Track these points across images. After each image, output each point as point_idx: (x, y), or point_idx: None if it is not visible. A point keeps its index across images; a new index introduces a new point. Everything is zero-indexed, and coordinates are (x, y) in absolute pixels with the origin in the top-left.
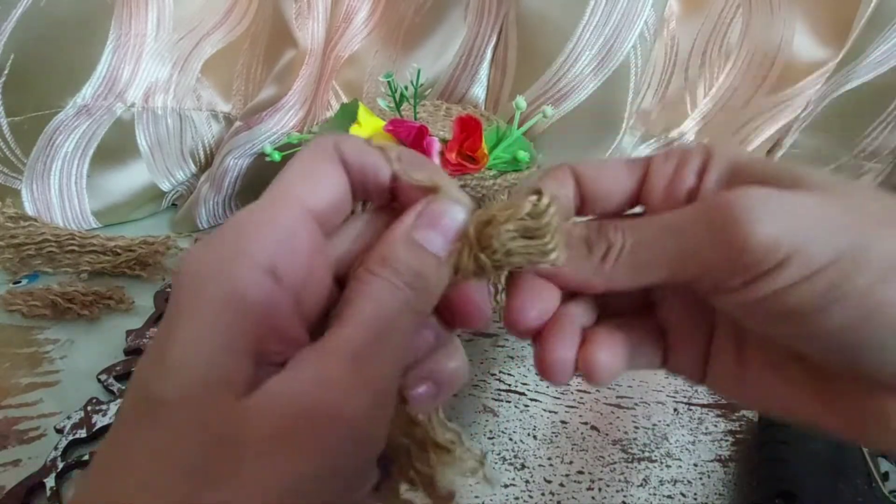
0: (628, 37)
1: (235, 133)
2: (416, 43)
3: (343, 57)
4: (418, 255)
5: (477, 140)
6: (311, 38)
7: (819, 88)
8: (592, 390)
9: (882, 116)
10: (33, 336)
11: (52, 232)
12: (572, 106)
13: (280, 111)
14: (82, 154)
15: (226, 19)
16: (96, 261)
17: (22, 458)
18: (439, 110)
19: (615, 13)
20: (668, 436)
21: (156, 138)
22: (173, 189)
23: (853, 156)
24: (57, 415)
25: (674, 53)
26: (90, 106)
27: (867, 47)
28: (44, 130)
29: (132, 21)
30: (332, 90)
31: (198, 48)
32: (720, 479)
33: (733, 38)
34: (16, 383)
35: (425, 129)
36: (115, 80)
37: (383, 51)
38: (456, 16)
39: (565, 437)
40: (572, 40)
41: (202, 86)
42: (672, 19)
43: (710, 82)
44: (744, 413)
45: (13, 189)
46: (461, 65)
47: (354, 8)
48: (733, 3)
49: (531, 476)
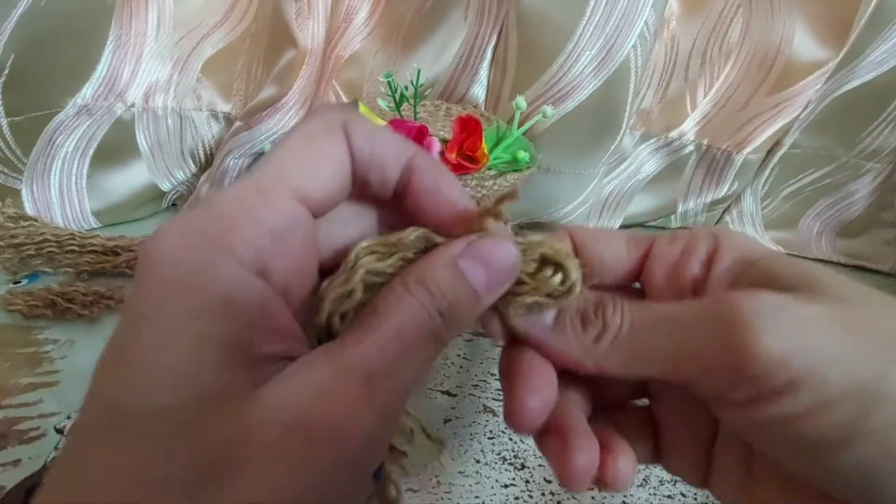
0: (628, 37)
1: (235, 133)
2: (416, 43)
3: (343, 57)
4: (458, 284)
5: (477, 140)
6: (312, 38)
7: (819, 88)
8: None
9: (882, 116)
10: (33, 336)
11: (52, 232)
12: (572, 106)
13: (280, 111)
14: (82, 154)
15: (226, 19)
16: (96, 261)
17: (22, 457)
18: (439, 110)
19: (615, 13)
20: None
21: (156, 138)
22: (173, 189)
23: (853, 156)
24: (57, 415)
25: (674, 53)
26: (90, 106)
27: (867, 47)
28: (44, 130)
29: (132, 21)
30: (332, 90)
31: (198, 48)
32: None
33: (733, 38)
34: (16, 383)
35: (425, 129)
36: (115, 80)
37: (383, 51)
38: (456, 16)
39: None
40: (572, 40)
41: (202, 86)
42: (672, 19)
43: (711, 82)
44: None
45: (13, 189)
46: (461, 65)
47: (354, 8)
48: (733, 3)
49: (531, 476)
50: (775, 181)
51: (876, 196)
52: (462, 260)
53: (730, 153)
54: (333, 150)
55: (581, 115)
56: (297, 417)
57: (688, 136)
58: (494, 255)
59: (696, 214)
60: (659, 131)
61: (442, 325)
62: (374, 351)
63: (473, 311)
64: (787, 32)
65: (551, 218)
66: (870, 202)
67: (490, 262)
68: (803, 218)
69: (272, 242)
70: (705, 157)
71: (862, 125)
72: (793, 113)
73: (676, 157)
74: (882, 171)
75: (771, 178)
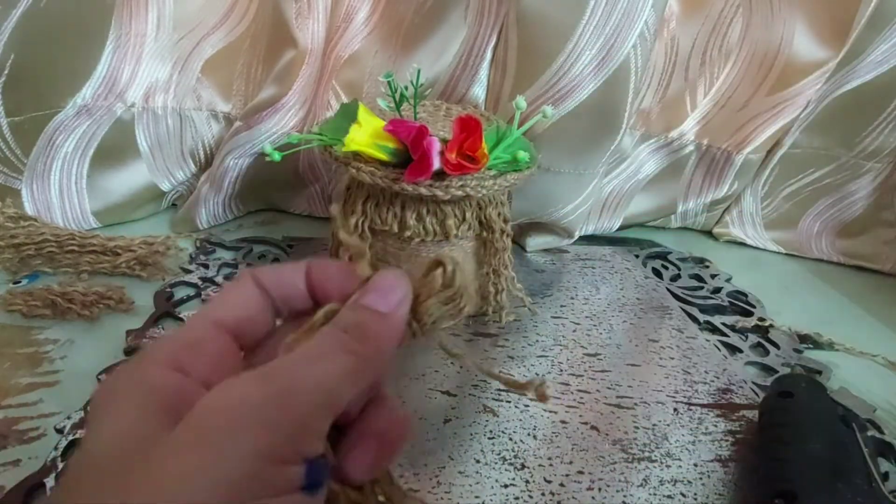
0: (628, 37)
1: (235, 133)
2: (416, 43)
3: (343, 57)
4: (360, 312)
5: (477, 140)
6: (312, 38)
7: (819, 88)
8: (592, 390)
9: (882, 116)
10: (33, 336)
11: (52, 232)
12: (572, 106)
13: (280, 111)
14: (82, 154)
15: (226, 19)
16: (96, 261)
17: (22, 458)
18: (439, 110)
19: (615, 13)
20: (668, 436)
21: (156, 138)
22: (173, 189)
23: (853, 156)
24: (57, 415)
25: (674, 53)
26: (90, 106)
27: (867, 47)
28: (44, 130)
29: (132, 21)
30: (332, 90)
31: (198, 48)
32: (720, 479)
33: (733, 38)
34: (16, 383)
35: (425, 129)
36: (115, 80)
37: (383, 51)
38: (456, 16)
39: (565, 437)
40: (572, 40)
41: (202, 86)
42: (672, 19)
43: (710, 82)
44: (744, 413)
45: (13, 189)
46: (461, 65)
47: (354, 8)
48: (733, 3)
49: (531, 476)
50: (775, 181)
51: (876, 196)
52: (361, 298)
53: (730, 153)
54: (242, 289)
55: (581, 115)
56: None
57: (688, 136)
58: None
59: (696, 214)
60: (659, 131)
61: (347, 339)
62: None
63: (385, 325)
64: (786, 32)
65: (551, 218)
66: (870, 202)
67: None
68: (803, 218)
69: (186, 347)
70: (705, 157)
71: (862, 125)
72: (793, 113)
73: (676, 157)
74: (882, 171)
75: (771, 178)
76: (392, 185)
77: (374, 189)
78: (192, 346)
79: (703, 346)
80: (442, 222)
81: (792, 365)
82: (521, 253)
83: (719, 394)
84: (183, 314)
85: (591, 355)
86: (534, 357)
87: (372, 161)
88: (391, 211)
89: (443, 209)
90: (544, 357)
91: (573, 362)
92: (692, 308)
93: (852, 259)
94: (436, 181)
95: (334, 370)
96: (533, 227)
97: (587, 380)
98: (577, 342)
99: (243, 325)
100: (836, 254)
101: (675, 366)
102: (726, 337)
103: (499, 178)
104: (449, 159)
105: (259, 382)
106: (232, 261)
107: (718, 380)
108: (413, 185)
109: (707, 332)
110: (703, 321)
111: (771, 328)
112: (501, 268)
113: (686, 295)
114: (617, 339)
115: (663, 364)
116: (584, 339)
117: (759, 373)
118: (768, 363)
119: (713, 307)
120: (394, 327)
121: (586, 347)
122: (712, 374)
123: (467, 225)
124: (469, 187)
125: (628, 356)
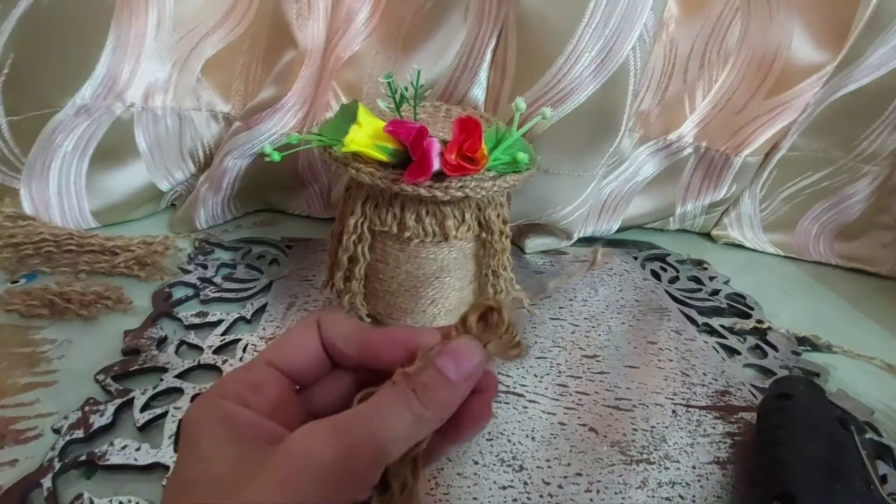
0: (628, 39)
1: (235, 133)
2: (416, 44)
3: (343, 58)
4: (431, 374)
5: (476, 141)
6: (312, 38)
7: (817, 91)
8: (591, 392)
9: (880, 119)
10: (31, 336)
11: (51, 231)
12: (571, 108)
13: (280, 111)
14: (81, 154)
15: (226, 19)
16: (94, 260)
17: (19, 457)
18: (439, 111)
19: (615, 15)
20: (666, 438)
21: (155, 138)
22: (172, 189)
23: (851, 159)
24: (54, 415)
25: (673, 56)
26: (89, 106)
27: (865, 50)
28: (43, 130)
29: (132, 21)
30: (331, 91)
31: (198, 48)
32: (718, 481)
33: (732, 40)
34: (13, 383)
35: (425, 130)
36: (114, 80)
37: (383, 52)
38: (456, 17)
39: (564, 438)
40: (572, 42)
41: (202, 86)
42: (671, 22)
43: (709, 85)
44: (742, 415)
45: (12, 188)
46: (461, 66)
47: (355, 9)
48: (732, 6)
49: (529, 478)
50: (773, 184)
51: (874, 199)
52: (438, 359)
53: (728, 155)
54: (304, 334)
55: (580, 117)
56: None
57: (686, 139)
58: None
59: (694, 216)
60: (658, 133)
61: (417, 402)
62: (350, 411)
63: (452, 394)
64: (785, 35)
65: (550, 219)
66: (868, 205)
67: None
68: (801, 220)
69: (250, 389)
70: (704, 160)
71: (860, 128)
72: (791, 116)
73: (675, 159)
74: (880, 174)
75: (769, 181)
76: (391, 185)
77: (374, 190)
78: (254, 388)
79: (702, 348)
80: (441, 223)
81: (790, 367)
82: (519, 254)
83: (717, 396)
84: (181, 314)
85: (590, 357)
86: (532, 358)
87: (371, 162)
88: (391, 212)
89: (442, 210)
90: (543, 358)
91: (571, 364)
92: (690, 310)
93: (850, 262)
94: (435, 182)
95: (396, 428)
96: (532, 228)
97: (585, 381)
98: (575, 344)
99: (300, 371)
100: (834, 256)
101: (673, 368)
102: (724, 339)
103: (498, 179)
104: (448, 160)
105: (331, 440)
106: (230, 261)
107: (717, 382)
108: (413, 186)
109: (705, 334)
110: (701, 323)
111: (769, 330)
112: (500, 269)
113: (684, 297)
114: (615, 340)
115: (662, 366)
116: (582, 340)
117: (757, 375)
118: (766, 365)
119: (711, 309)
120: (459, 396)
121: (585, 349)
122: (711, 376)
123: (466, 226)
124: (468, 188)
125: (627, 358)
